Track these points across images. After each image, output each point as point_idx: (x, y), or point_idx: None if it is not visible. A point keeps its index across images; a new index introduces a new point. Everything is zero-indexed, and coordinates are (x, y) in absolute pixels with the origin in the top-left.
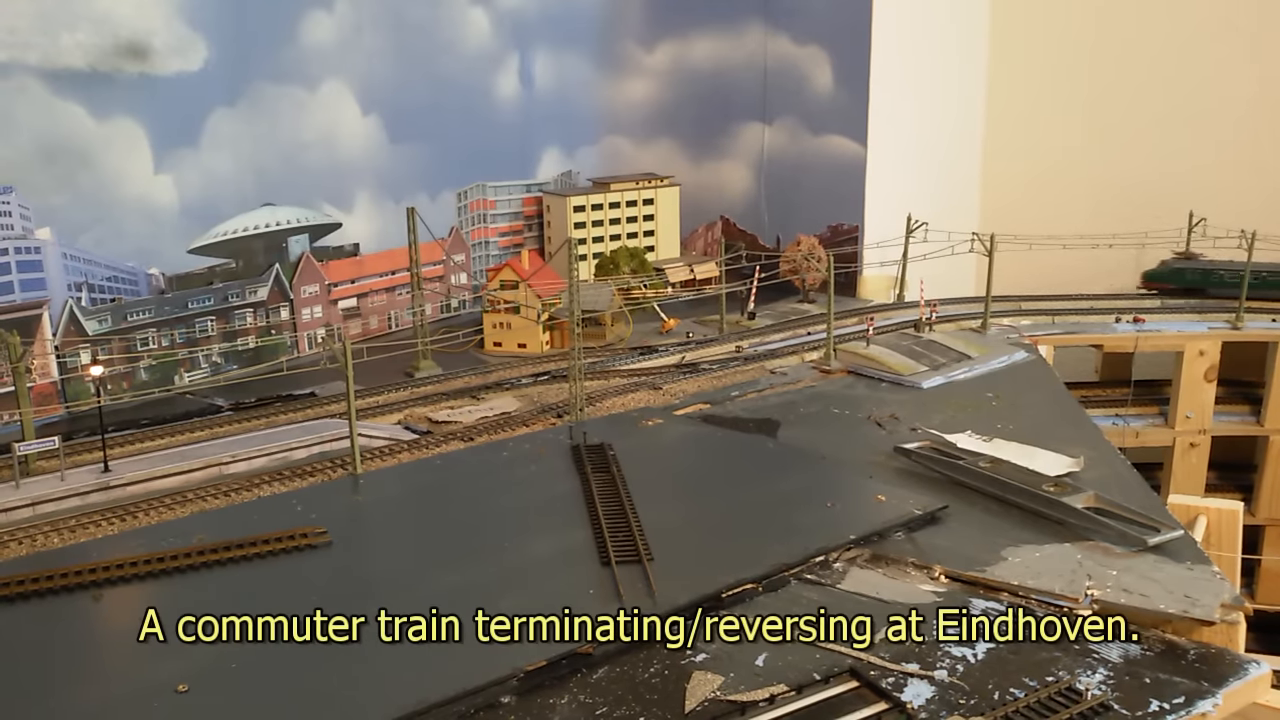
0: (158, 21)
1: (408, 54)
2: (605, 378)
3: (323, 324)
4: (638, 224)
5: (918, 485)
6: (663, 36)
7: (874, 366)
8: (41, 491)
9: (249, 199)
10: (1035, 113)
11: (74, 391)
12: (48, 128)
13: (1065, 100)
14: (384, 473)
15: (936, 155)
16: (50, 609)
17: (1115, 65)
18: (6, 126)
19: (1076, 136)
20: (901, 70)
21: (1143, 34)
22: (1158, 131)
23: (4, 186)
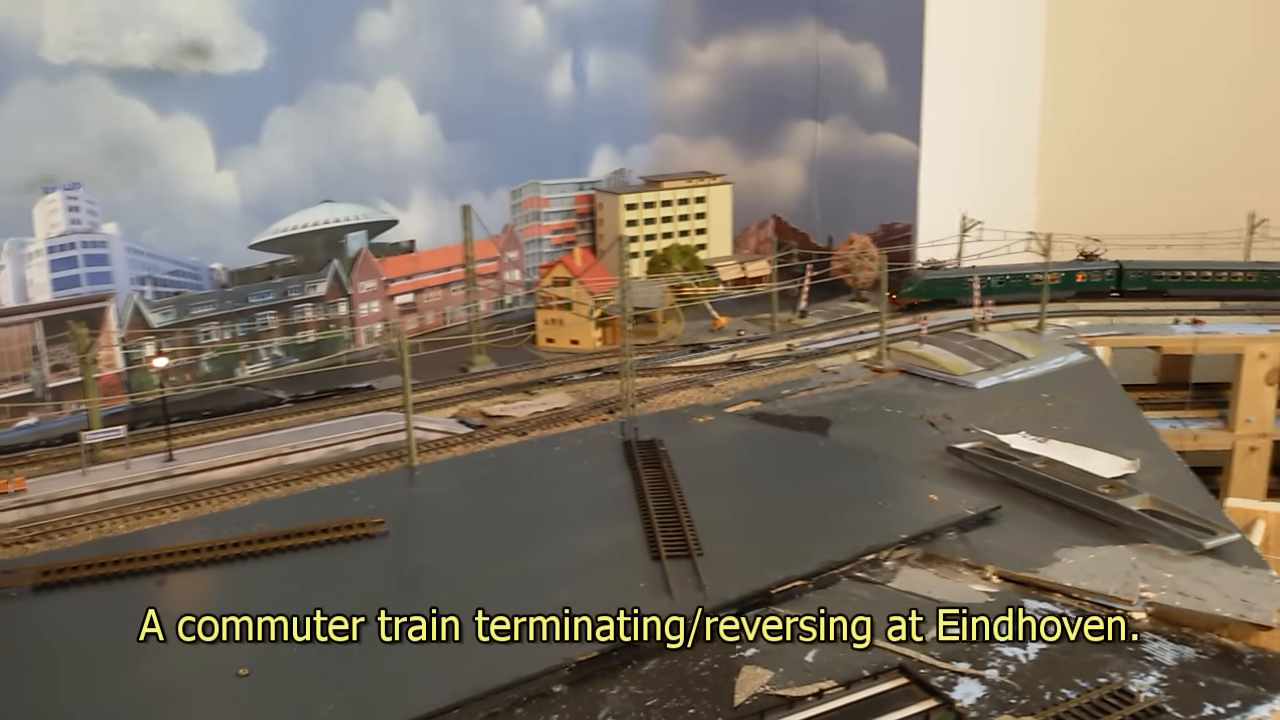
0: (219, 21)
1: (463, 53)
2: (656, 374)
3: (380, 319)
4: (689, 222)
5: (970, 485)
6: (715, 34)
7: (927, 366)
8: (108, 479)
9: (308, 196)
10: (1092, 111)
11: (138, 382)
12: (113, 125)
13: (1123, 98)
14: (439, 465)
15: (991, 153)
16: (116, 592)
17: (1175, 63)
18: (74, 124)
19: (1135, 135)
20: (955, 67)
21: (1202, 29)
22: (1219, 130)
23: (71, 183)
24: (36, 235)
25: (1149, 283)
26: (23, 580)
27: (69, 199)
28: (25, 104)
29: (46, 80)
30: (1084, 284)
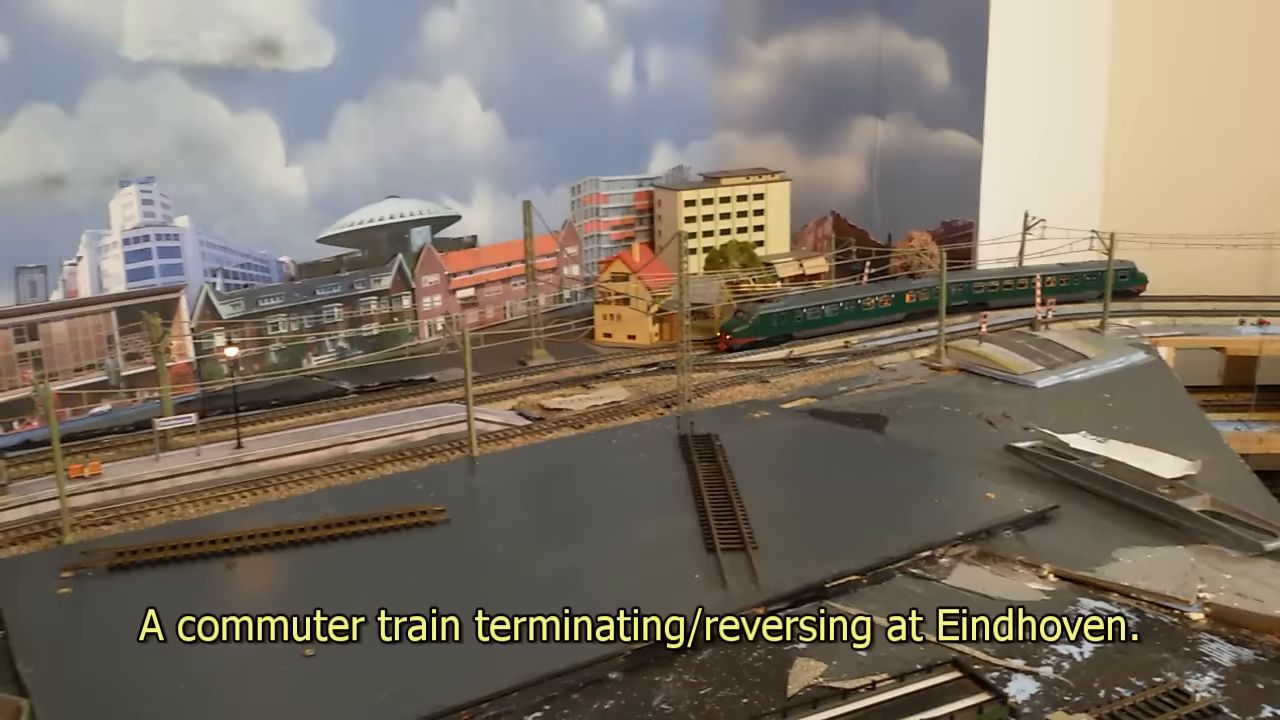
0: (290, 19)
1: (526, 51)
2: (713, 370)
3: (442, 313)
4: (748, 218)
5: (1029, 484)
6: (776, 31)
7: (986, 364)
8: (179, 465)
9: (374, 191)
10: (1160, 107)
11: (208, 372)
12: (187, 121)
13: (1192, 95)
14: (499, 456)
15: (1055, 151)
16: (186, 574)
17: (1246, 58)
18: (149, 119)
19: (1204, 132)
20: (1020, 64)
21: (1272, 27)
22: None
23: (146, 177)
24: (112, 228)
25: (969, 295)
26: (99, 561)
27: (144, 193)
28: (104, 100)
29: (125, 77)
30: (913, 304)
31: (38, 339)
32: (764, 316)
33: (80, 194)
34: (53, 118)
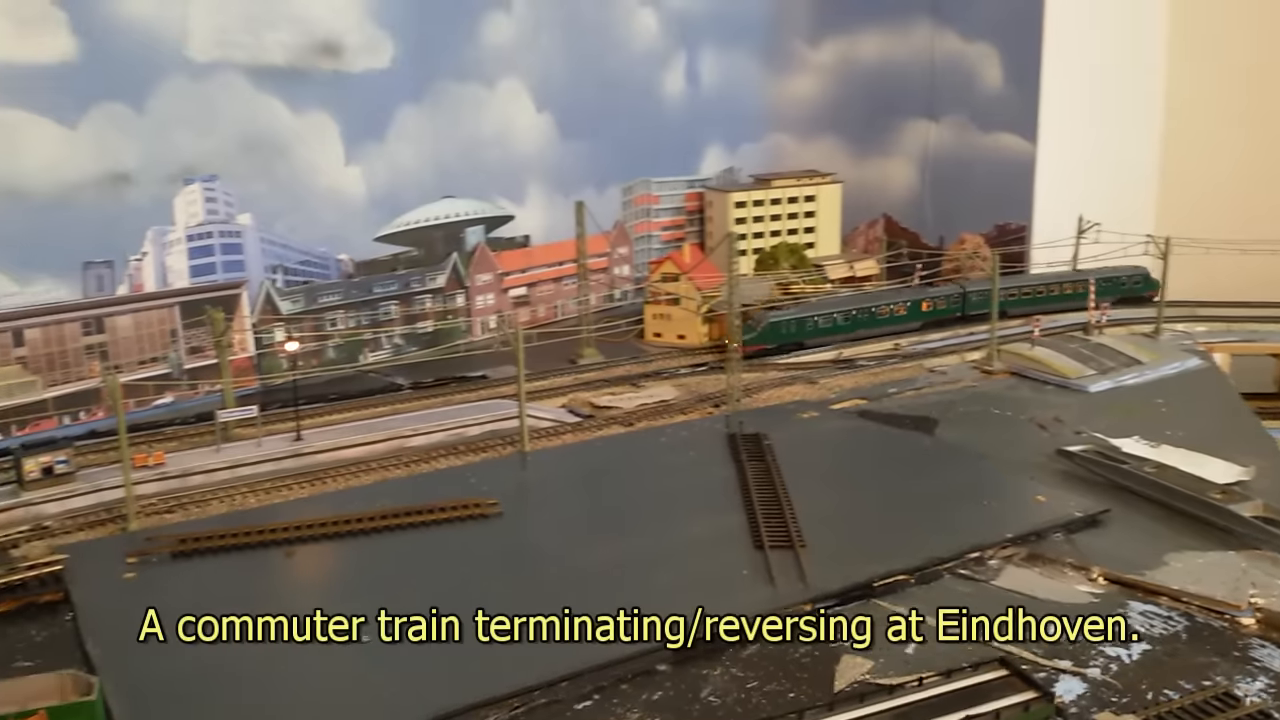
0: (351, 21)
1: (580, 53)
2: (762, 370)
3: (494, 311)
4: (798, 220)
5: (1079, 488)
6: (829, 33)
7: (1038, 368)
8: (240, 456)
9: (430, 191)
10: (1217, 109)
11: (268, 366)
12: (249, 121)
13: (1250, 96)
14: (549, 452)
15: (1110, 154)
16: (247, 562)
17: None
18: (213, 119)
19: (1262, 135)
20: (1075, 67)
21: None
22: None
23: (209, 175)
24: (177, 224)
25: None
26: (162, 548)
27: (207, 190)
28: (171, 100)
29: (190, 77)
30: (930, 313)
31: (104, 332)
32: (772, 324)
33: (146, 191)
34: (121, 116)
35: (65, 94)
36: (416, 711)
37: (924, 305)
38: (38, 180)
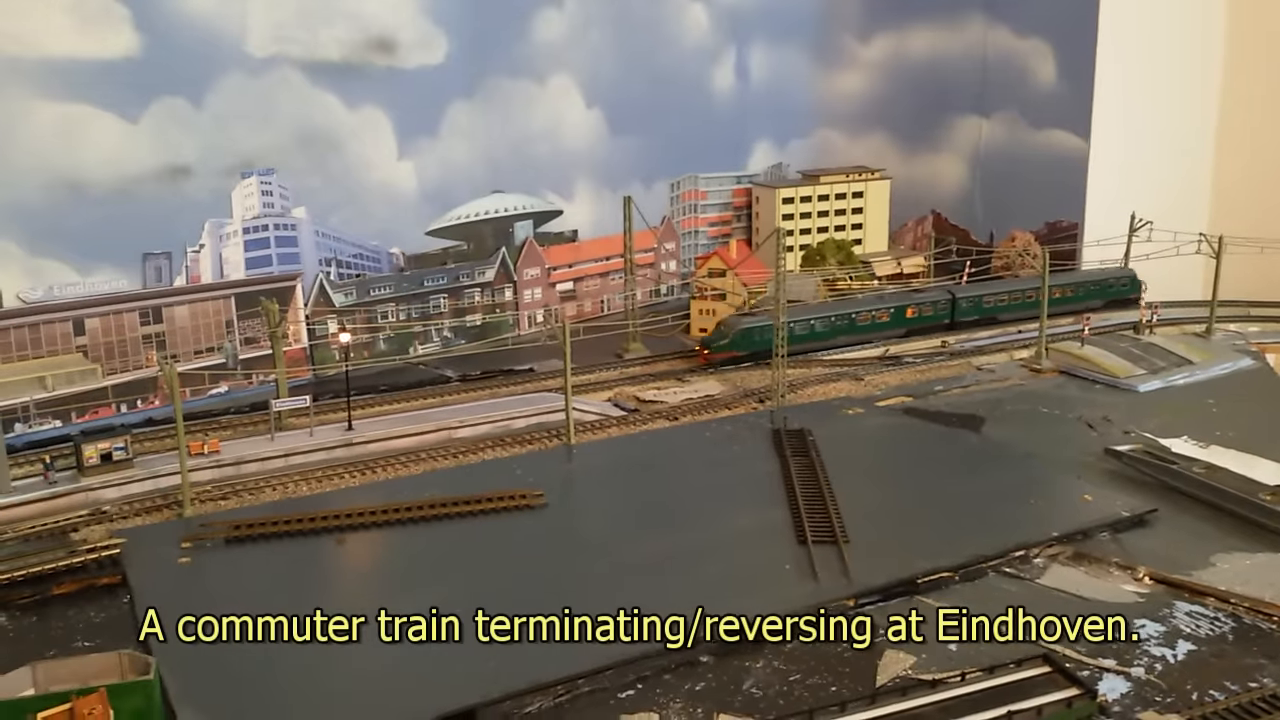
0: (405, 17)
1: (630, 49)
2: (807, 366)
3: (542, 305)
4: (846, 216)
5: (1127, 488)
6: (880, 29)
7: (1087, 367)
8: (293, 444)
9: (480, 186)
10: (1274, 108)
11: (321, 357)
12: (305, 116)
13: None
14: (595, 445)
15: (1164, 152)
16: (298, 548)
17: None
18: (270, 114)
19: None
20: (1129, 63)
21: None
22: None
23: (266, 169)
24: (234, 217)
25: (979, 311)
26: (216, 533)
27: (264, 184)
28: (229, 95)
29: (248, 73)
30: (915, 319)
31: (162, 322)
32: (744, 331)
33: (204, 184)
34: (181, 111)
35: (127, 89)
36: (463, 697)
37: (909, 311)
38: (100, 173)
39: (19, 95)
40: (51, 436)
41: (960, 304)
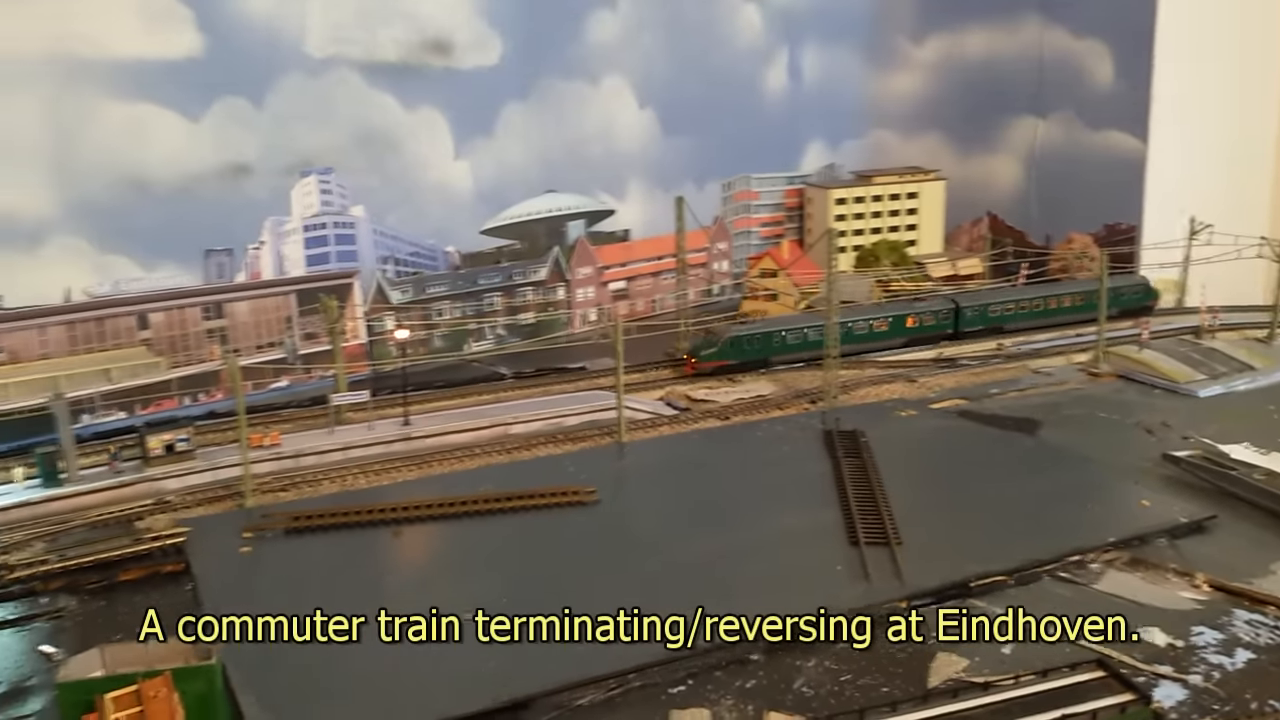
0: (461, 19)
1: (683, 50)
2: (860, 367)
3: (594, 304)
4: (900, 218)
5: (1186, 493)
6: (934, 29)
7: (1146, 372)
8: (351, 438)
9: (534, 185)
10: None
11: (378, 353)
12: (363, 116)
13: None
14: (646, 443)
15: (1224, 153)
16: (357, 540)
17: None
18: (329, 114)
19: None
20: (1188, 64)
21: None
22: None
23: (325, 167)
24: (293, 215)
25: (985, 320)
26: (276, 524)
27: (323, 183)
28: (289, 95)
29: (308, 73)
30: (916, 329)
31: (223, 317)
32: (734, 339)
33: (265, 183)
34: (242, 110)
35: (190, 89)
36: (516, 687)
37: (909, 321)
38: (164, 171)
39: (89, 95)
40: (117, 428)
41: (964, 313)
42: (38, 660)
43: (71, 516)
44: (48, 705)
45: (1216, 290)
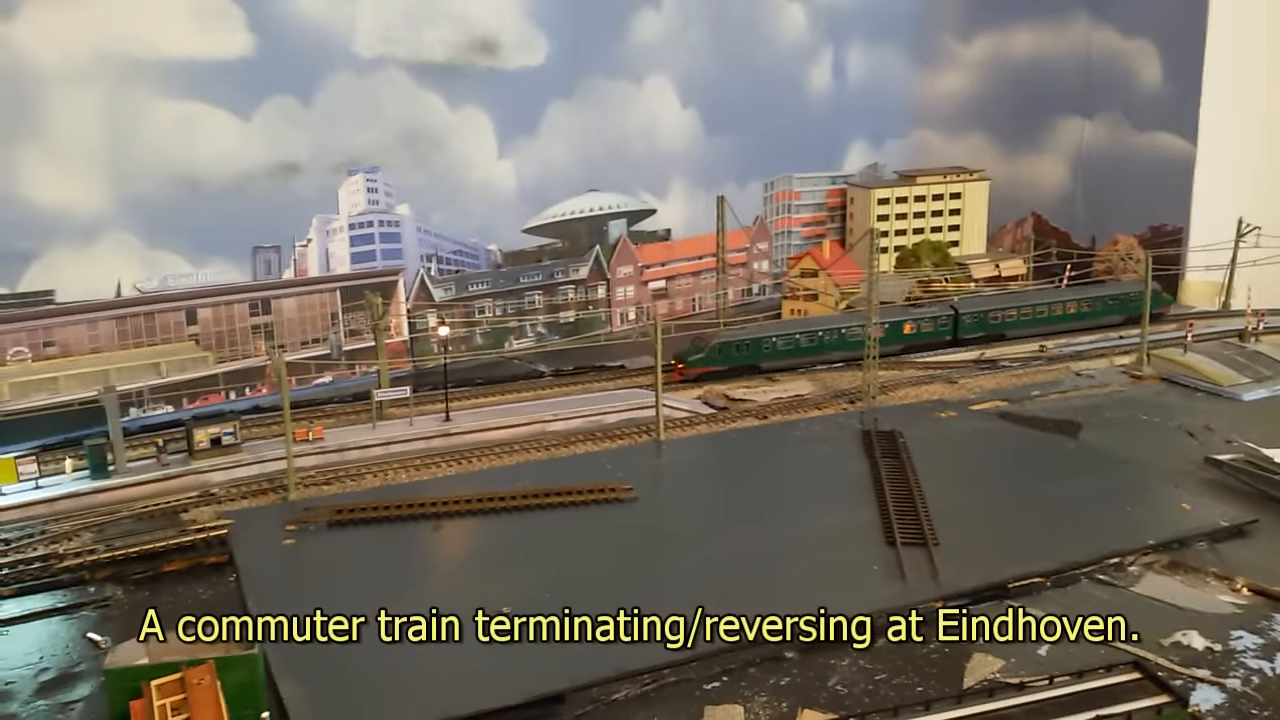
0: (508, 19)
1: (727, 49)
2: (899, 368)
3: (634, 302)
4: (943, 218)
5: (1227, 497)
6: (981, 28)
7: (1190, 375)
8: (393, 434)
9: (576, 185)
10: None
11: (420, 349)
12: (410, 115)
13: None
14: (684, 441)
15: (1273, 155)
16: (397, 533)
17: None
18: (376, 113)
19: None
20: (1238, 65)
21: None
22: None
23: (371, 166)
24: (340, 213)
25: (985, 327)
26: (320, 517)
27: (369, 181)
28: (337, 94)
29: (356, 73)
30: (913, 335)
31: (270, 313)
32: (723, 345)
33: (313, 181)
34: (291, 109)
35: (241, 87)
36: (552, 682)
37: (906, 327)
38: (214, 169)
39: (141, 94)
40: (164, 421)
41: (964, 320)
42: (85, 647)
43: (119, 507)
44: (95, 691)
45: (1264, 293)
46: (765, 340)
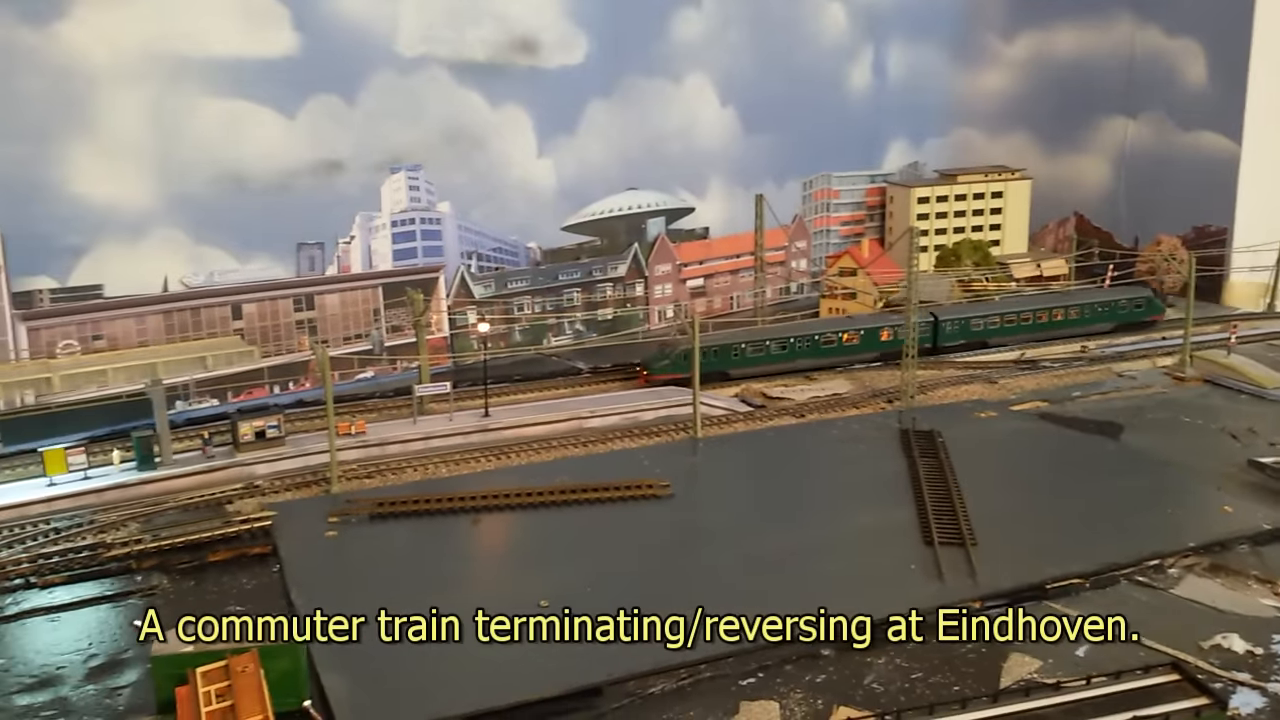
0: (548, 18)
1: (767, 48)
2: (938, 368)
3: (672, 300)
4: (984, 217)
5: (1270, 500)
6: (1024, 27)
7: (1234, 377)
8: (433, 429)
9: (615, 183)
10: None
11: (460, 346)
12: (451, 114)
13: None
14: (721, 439)
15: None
16: (437, 526)
17: None
18: (419, 112)
19: None
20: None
21: None
22: None
23: (413, 164)
24: (382, 210)
25: (966, 334)
26: (361, 509)
27: (411, 179)
28: (380, 93)
29: (399, 71)
30: (891, 343)
31: (313, 309)
32: (688, 352)
33: (356, 179)
34: (335, 108)
35: (286, 86)
36: (592, 675)
37: (883, 334)
38: (259, 167)
39: (189, 92)
40: (210, 414)
41: (944, 327)
42: (133, 635)
43: (165, 498)
44: (142, 677)
45: None
46: (734, 347)
